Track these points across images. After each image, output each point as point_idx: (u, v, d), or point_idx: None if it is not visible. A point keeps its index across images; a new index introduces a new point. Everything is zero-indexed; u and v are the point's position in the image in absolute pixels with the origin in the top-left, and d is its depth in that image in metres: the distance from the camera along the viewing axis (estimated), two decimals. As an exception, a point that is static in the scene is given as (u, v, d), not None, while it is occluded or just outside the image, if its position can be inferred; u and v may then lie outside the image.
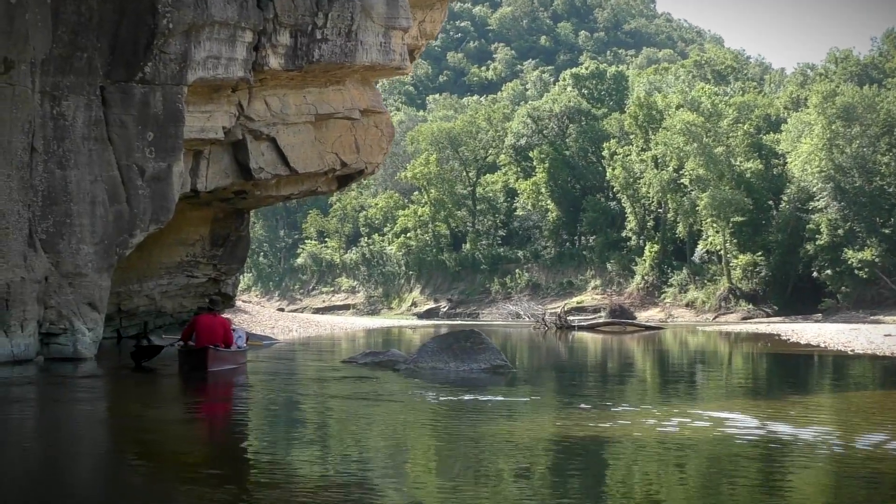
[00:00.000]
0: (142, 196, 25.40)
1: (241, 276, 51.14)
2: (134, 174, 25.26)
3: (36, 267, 23.28)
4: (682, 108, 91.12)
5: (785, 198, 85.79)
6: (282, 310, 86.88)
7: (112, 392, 18.58)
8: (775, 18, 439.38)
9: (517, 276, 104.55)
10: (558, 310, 76.96)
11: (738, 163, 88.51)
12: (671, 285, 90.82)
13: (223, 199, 33.11)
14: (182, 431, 13.15)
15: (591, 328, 60.98)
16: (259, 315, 53.73)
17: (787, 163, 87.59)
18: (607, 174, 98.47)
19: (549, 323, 60.54)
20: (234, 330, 23.24)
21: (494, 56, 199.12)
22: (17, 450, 11.09)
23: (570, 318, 66.32)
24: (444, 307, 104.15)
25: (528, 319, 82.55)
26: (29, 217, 23.30)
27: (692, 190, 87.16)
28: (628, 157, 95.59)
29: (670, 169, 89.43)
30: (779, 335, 45.69)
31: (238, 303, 46.67)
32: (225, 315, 27.04)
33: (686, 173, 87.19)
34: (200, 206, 33.76)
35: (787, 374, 24.97)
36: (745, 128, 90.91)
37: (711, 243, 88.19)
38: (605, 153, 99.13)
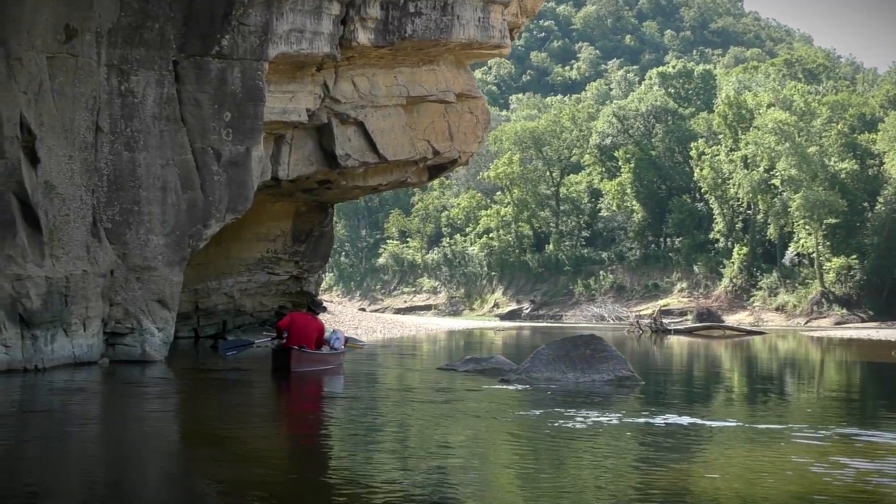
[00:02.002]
0: (217, 182, 22.97)
1: (324, 275, 48.90)
2: (209, 158, 22.85)
3: (100, 259, 20.95)
4: (773, 107, 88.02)
5: (881, 199, 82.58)
6: (363, 310, 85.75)
7: (185, 401, 16.10)
8: (865, 17, 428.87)
9: (601, 277, 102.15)
10: (651, 312, 74.46)
11: (831, 163, 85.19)
12: (760, 288, 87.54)
13: (306, 190, 30.72)
14: (267, 448, 10.77)
15: (689, 332, 57.99)
16: (342, 315, 51.50)
17: (883, 163, 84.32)
18: (695, 174, 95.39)
19: (644, 326, 57.65)
20: (333, 331, 22.88)
21: (578, 55, 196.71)
22: (78, 473, 9.19)
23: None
24: (527, 309, 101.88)
25: (612, 322, 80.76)
26: (93, 204, 20.99)
27: (784, 191, 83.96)
28: (717, 157, 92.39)
29: (761, 169, 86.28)
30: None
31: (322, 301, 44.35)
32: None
33: (777, 174, 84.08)
34: (282, 196, 31.47)
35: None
36: (838, 127, 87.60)
37: (803, 246, 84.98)
38: (693, 153, 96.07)
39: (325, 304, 36.77)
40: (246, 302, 35.01)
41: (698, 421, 13.04)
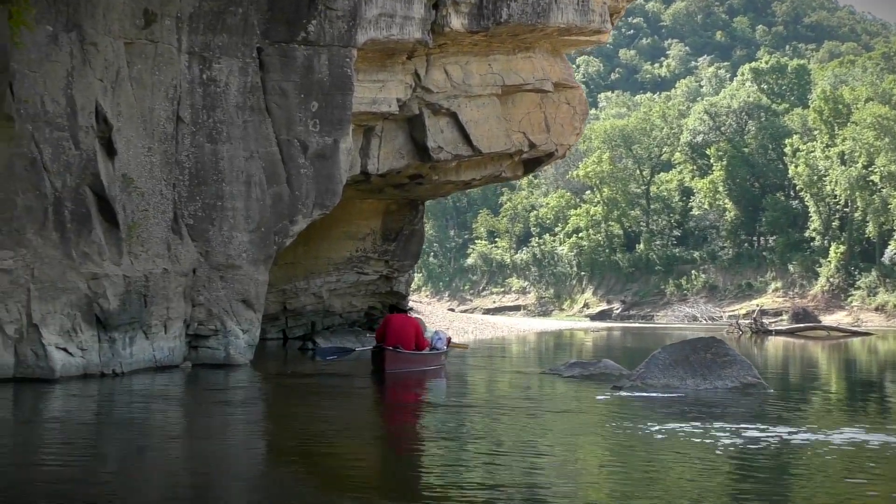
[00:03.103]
0: (304, 176, 21.71)
1: (414, 274, 47.85)
2: (295, 150, 21.60)
3: (182, 257, 19.82)
4: (871, 102, 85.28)
5: None
6: (452, 310, 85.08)
7: (271, 409, 14.82)
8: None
9: (693, 277, 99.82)
10: (747, 312, 72.48)
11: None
12: (858, 288, 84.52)
13: (396, 186, 29.39)
14: (358, 466, 9.42)
15: (790, 333, 55.79)
16: (432, 315, 50.33)
17: None
18: (789, 171, 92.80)
19: (744, 327, 55.79)
20: (435, 332, 22.62)
21: (668, 52, 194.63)
22: (156, 492, 8.28)
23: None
24: (617, 309, 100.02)
25: (705, 322, 79.02)
26: (173, 198, 19.86)
27: (883, 187, 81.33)
28: (812, 154, 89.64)
29: (859, 165, 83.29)
30: None
31: (410, 302, 43.09)
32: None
33: (877, 170, 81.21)
34: (371, 193, 30.23)
35: None
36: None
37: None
38: (787, 150, 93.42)
39: (410, 304, 35.41)
40: (335, 302, 33.95)
41: (860, 436, 11.31)
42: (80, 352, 16.98)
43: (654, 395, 15.40)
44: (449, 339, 23.75)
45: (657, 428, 11.66)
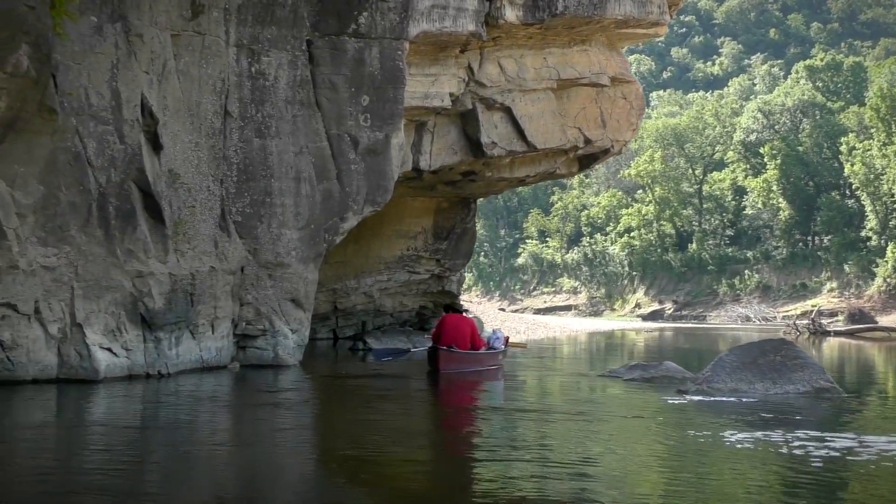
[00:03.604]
0: (355, 172, 21.13)
1: (466, 274, 47.31)
2: (346, 146, 21.03)
3: (229, 255, 19.29)
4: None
5: None
6: (502, 310, 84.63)
7: (321, 413, 14.22)
8: None
9: (746, 277, 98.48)
10: (804, 313, 71.48)
11: None
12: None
13: (448, 183, 28.75)
14: (412, 477, 8.75)
15: (849, 334, 54.64)
16: (483, 315, 49.64)
17: None
18: (845, 170, 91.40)
19: (801, 328, 54.79)
20: (493, 331, 22.58)
21: (720, 51, 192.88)
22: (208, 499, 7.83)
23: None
24: (669, 309, 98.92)
25: (758, 323, 78.11)
26: (221, 194, 19.33)
27: (942, 186, 79.80)
28: (869, 152, 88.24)
29: None
30: None
31: (461, 301, 42.38)
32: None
33: (935, 168, 79.82)
34: (423, 191, 29.63)
35: None
36: None
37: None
38: (843, 148, 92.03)
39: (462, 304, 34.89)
40: (386, 302, 33.44)
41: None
42: (124, 352, 16.49)
43: (722, 399, 14.63)
44: (507, 339, 23.59)
45: (732, 436, 10.91)
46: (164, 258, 17.32)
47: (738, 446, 10.37)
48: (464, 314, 21.55)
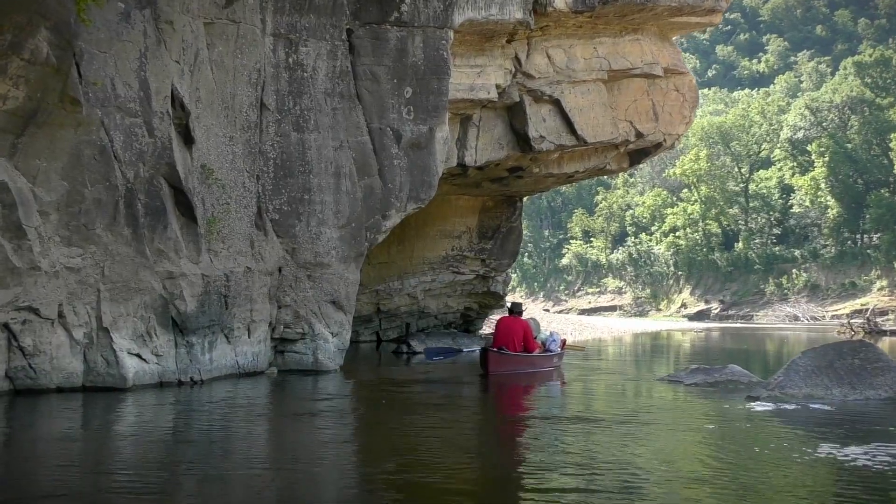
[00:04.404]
0: (398, 167, 20.12)
1: (512, 274, 46.44)
2: (388, 140, 20.02)
3: (266, 255, 18.33)
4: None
5: None
6: (547, 311, 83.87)
7: (364, 425, 13.17)
8: None
9: (794, 276, 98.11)
10: (851, 311, 70.39)
11: None
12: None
13: (494, 180, 27.70)
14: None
15: (905, 334, 53.43)
16: (528, 317, 48.58)
17: None
18: (894, 167, 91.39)
19: (856, 327, 53.59)
20: (550, 333, 22.77)
21: (766, 48, 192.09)
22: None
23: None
24: (716, 309, 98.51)
25: (807, 322, 77.24)
26: (257, 191, 18.39)
27: None
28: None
29: None
30: None
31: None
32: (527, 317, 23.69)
33: None
34: (468, 187, 28.64)
35: None
36: None
37: None
38: (893, 145, 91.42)
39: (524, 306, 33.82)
40: (430, 303, 32.59)
41: None
42: (154, 358, 15.56)
43: (797, 407, 13.45)
44: (564, 342, 23.43)
45: (812, 450, 9.78)
46: (196, 258, 16.36)
47: (820, 462, 9.25)
48: (519, 316, 21.06)
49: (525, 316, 22.34)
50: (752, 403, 13.91)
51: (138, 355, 15.27)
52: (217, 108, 17.32)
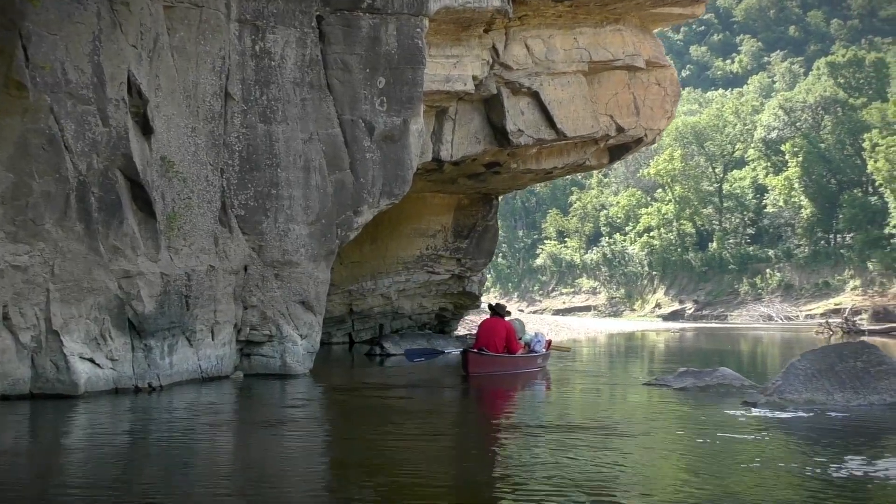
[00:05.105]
0: (370, 161, 19.13)
1: (488, 274, 45.70)
2: (360, 132, 19.03)
3: (231, 253, 17.32)
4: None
5: None
6: (521, 311, 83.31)
7: (336, 434, 12.20)
8: None
9: (768, 276, 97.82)
10: (825, 311, 70.24)
11: None
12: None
13: (471, 176, 26.79)
14: None
15: (886, 332, 52.87)
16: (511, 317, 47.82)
17: None
18: (868, 167, 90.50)
19: (834, 327, 53.11)
20: (535, 334, 22.52)
21: (740, 48, 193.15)
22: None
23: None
24: (690, 309, 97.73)
25: (781, 322, 77.17)
26: (221, 185, 17.36)
27: (968, 181, 78.88)
28: (892, 149, 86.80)
29: None
30: None
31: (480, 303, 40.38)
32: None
33: (961, 163, 78.98)
34: (443, 184, 27.73)
35: None
36: None
37: None
38: (866, 144, 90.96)
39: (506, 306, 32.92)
40: (404, 304, 31.69)
41: None
42: (109, 363, 14.50)
43: (800, 414, 12.56)
44: (549, 342, 23.15)
45: (822, 462, 8.89)
46: (155, 256, 15.32)
47: (840, 482, 8.36)
48: (499, 318, 20.76)
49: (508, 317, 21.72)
50: (751, 410, 13.02)
51: (91, 360, 14.21)
52: (178, 97, 16.29)
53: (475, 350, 19.51)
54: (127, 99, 14.78)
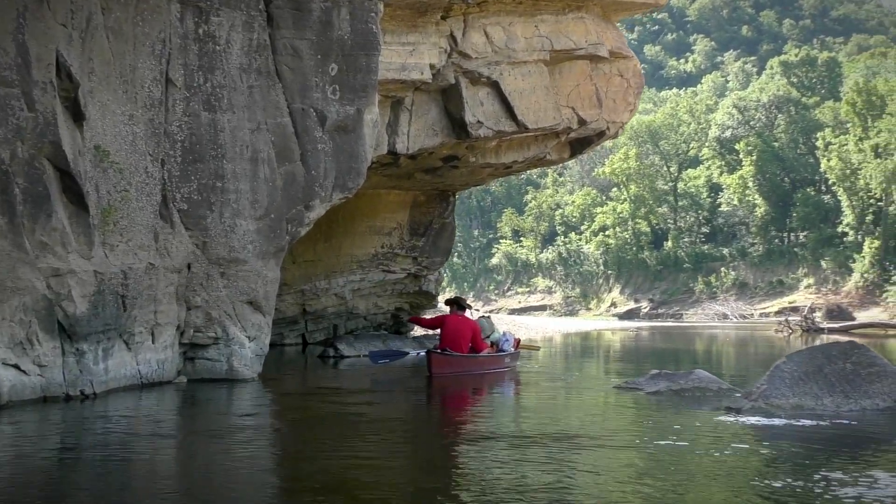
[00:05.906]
0: (322, 152, 18.04)
1: (445, 273, 44.91)
2: (311, 122, 17.95)
3: (173, 249, 16.17)
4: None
5: None
6: (477, 310, 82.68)
7: (287, 446, 11.11)
8: None
9: (722, 274, 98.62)
10: (780, 309, 70.42)
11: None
12: (894, 283, 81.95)
13: (428, 171, 25.80)
14: None
15: (845, 331, 52.53)
16: (481, 315, 47.10)
17: None
18: (821, 166, 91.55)
19: (794, 325, 52.77)
20: (504, 333, 22.52)
21: (693, 48, 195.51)
22: None
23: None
24: (645, 308, 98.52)
25: (736, 320, 77.81)
26: (162, 178, 16.21)
27: (921, 180, 79.81)
28: (845, 147, 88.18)
29: (895, 158, 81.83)
30: None
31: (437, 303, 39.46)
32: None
33: (914, 162, 79.83)
34: (399, 179, 26.73)
35: None
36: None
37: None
38: (819, 143, 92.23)
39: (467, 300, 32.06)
40: (359, 304, 30.78)
41: None
42: (36, 369, 13.29)
43: (789, 422, 11.59)
44: (518, 341, 23.03)
45: (826, 479, 7.95)
46: (87, 253, 14.13)
47: (839, 494, 7.43)
48: (466, 314, 20.63)
49: (468, 314, 21.29)
50: (735, 416, 12.06)
51: (16, 366, 12.99)
52: (114, 82, 15.13)
53: (438, 351, 19.17)
54: (56, 82, 13.58)
